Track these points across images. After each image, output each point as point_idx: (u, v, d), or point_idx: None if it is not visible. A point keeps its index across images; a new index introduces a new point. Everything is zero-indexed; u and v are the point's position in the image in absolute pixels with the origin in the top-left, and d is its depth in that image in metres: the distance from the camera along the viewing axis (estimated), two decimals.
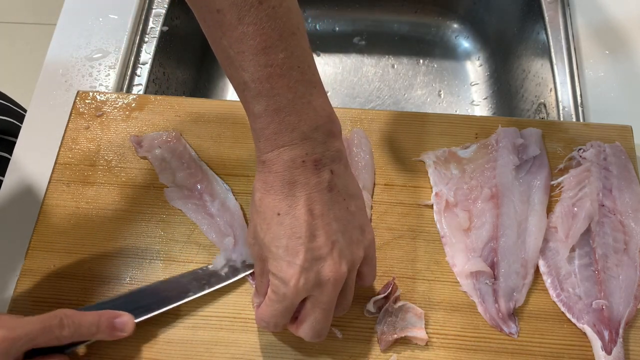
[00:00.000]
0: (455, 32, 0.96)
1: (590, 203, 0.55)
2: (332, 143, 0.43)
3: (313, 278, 0.42)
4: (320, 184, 0.42)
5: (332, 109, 0.44)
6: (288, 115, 0.41)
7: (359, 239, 0.45)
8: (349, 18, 0.97)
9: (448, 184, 0.58)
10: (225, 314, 0.52)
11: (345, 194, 0.44)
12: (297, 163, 0.42)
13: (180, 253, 0.55)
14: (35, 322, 0.45)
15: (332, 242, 0.42)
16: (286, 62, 0.40)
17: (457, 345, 0.51)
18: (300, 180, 0.42)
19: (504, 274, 0.53)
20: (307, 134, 0.42)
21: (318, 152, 0.42)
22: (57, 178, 0.59)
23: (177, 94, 0.82)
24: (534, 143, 0.59)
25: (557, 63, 0.72)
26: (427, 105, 0.91)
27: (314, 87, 0.42)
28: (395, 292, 0.51)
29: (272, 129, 0.41)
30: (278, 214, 0.42)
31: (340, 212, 0.43)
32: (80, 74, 0.70)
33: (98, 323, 0.47)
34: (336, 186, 0.43)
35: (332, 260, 0.42)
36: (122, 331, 0.48)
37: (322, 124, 0.42)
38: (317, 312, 0.44)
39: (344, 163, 0.45)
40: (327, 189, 0.43)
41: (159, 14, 0.77)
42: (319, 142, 0.42)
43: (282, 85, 0.40)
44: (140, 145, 0.60)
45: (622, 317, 0.51)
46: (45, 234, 0.56)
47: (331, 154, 0.43)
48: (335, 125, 0.44)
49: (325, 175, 0.43)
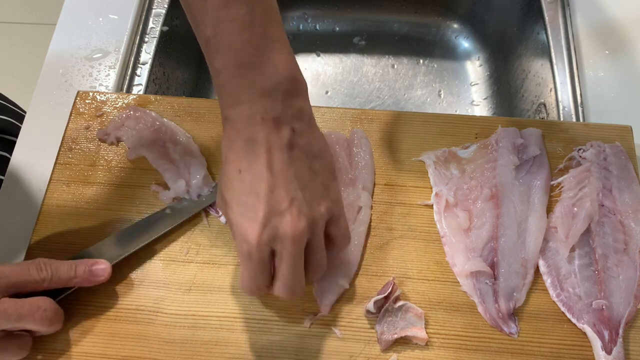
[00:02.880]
0: (455, 32, 0.96)
1: (590, 203, 0.55)
2: (293, 101, 0.43)
3: (272, 233, 0.43)
4: (280, 141, 0.42)
5: (296, 68, 0.43)
6: (248, 71, 0.41)
7: (321, 197, 0.45)
8: (349, 18, 0.97)
9: (448, 184, 0.58)
10: (225, 314, 0.52)
11: (308, 152, 0.44)
12: (257, 120, 0.42)
13: (180, 253, 0.55)
14: (13, 265, 0.47)
15: (291, 198, 0.43)
16: (247, 17, 0.40)
17: (457, 345, 0.51)
18: (259, 138, 0.42)
19: (504, 274, 0.53)
20: (267, 90, 0.42)
21: (278, 110, 0.42)
22: (57, 178, 0.59)
23: (177, 94, 0.82)
24: (534, 143, 0.59)
25: (557, 63, 0.72)
26: (427, 105, 0.91)
27: (275, 42, 0.42)
28: (395, 292, 0.51)
29: (232, 85, 0.42)
30: (239, 171, 0.43)
31: (301, 170, 0.44)
32: (80, 74, 0.70)
33: (75, 268, 0.49)
34: (297, 144, 0.43)
35: (291, 215, 0.42)
36: (100, 276, 0.50)
37: (282, 81, 0.42)
38: (284, 268, 0.44)
39: (308, 122, 0.45)
40: (287, 147, 0.43)
41: (159, 14, 0.77)
42: (279, 100, 0.42)
43: (243, 41, 0.40)
44: (107, 133, 0.61)
45: (622, 317, 0.51)
46: (45, 234, 0.56)
47: (292, 111, 0.43)
48: (299, 84, 0.44)
49: (285, 133, 0.43)
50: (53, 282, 0.48)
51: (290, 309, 0.52)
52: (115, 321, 0.52)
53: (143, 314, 0.52)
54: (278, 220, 0.43)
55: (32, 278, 0.47)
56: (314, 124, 0.46)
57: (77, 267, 0.49)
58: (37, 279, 0.47)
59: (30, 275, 0.47)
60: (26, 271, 0.47)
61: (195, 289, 0.53)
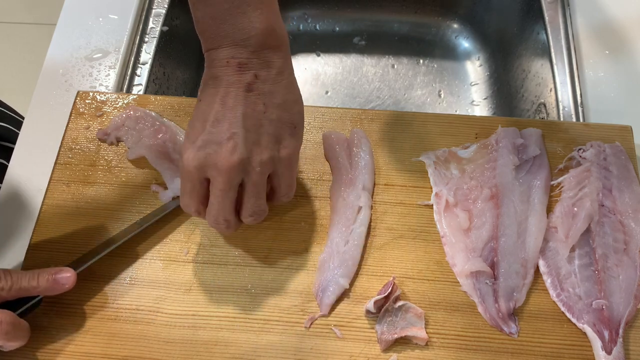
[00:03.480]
0: (455, 32, 0.96)
1: (590, 203, 0.55)
2: (264, 54, 0.46)
3: (204, 159, 0.45)
4: (239, 82, 0.45)
5: (274, 23, 0.46)
6: (222, 24, 0.45)
7: (266, 145, 0.46)
8: (349, 18, 0.97)
9: (448, 184, 0.58)
10: (225, 314, 0.52)
11: (267, 99, 0.46)
12: (222, 62, 0.45)
13: (180, 253, 0.55)
14: None
15: (232, 132, 0.45)
16: None
17: (457, 345, 0.51)
18: (221, 76, 0.46)
19: (504, 273, 0.53)
20: (237, 41, 0.45)
21: (243, 57, 0.45)
22: (57, 178, 0.59)
23: (177, 94, 0.82)
24: (534, 143, 0.59)
25: (557, 63, 0.72)
26: (427, 105, 0.91)
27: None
28: (395, 292, 0.51)
29: (208, 33, 0.46)
30: (199, 101, 0.47)
31: (253, 113, 0.46)
32: (80, 74, 0.70)
33: (38, 277, 0.48)
34: (257, 89, 0.46)
35: (226, 148, 0.44)
36: (64, 284, 0.49)
37: (254, 35, 0.45)
38: (212, 198, 0.47)
39: (277, 73, 0.46)
40: (245, 89, 0.45)
41: (159, 14, 0.77)
42: (249, 50, 0.45)
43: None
44: (107, 133, 0.61)
45: (622, 317, 0.51)
46: (45, 234, 0.56)
47: (260, 61, 0.45)
48: (274, 39, 0.46)
49: (246, 77, 0.45)
50: (13, 291, 0.47)
51: (290, 309, 0.52)
52: (115, 321, 0.52)
53: (143, 314, 0.52)
54: (213, 149, 0.45)
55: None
56: (288, 78, 0.48)
57: (40, 276, 0.48)
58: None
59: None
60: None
61: (195, 289, 0.53)
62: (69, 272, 0.49)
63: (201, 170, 0.45)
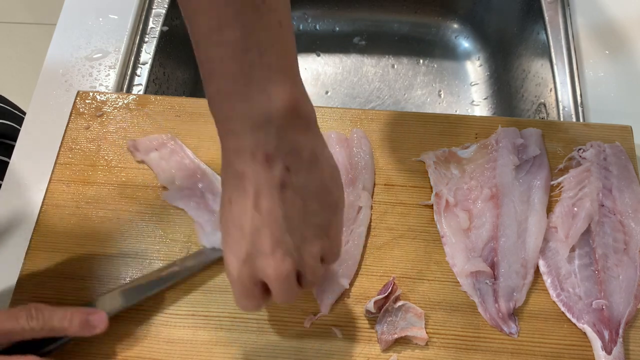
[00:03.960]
0: (455, 32, 0.96)
1: (590, 203, 0.55)
2: (290, 137, 0.39)
3: (254, 271, 0.41)
4: (271, 181, 0.39)
5: (299, 100, 0.39)
6: (239, 102, 0.38)
7: (314, 237, 0.42)
8: (349, 18, 0.97)
9: (448, 184, 0.58)
10: (225, 314, 0.52)
11: (305, 192, 0.41)
12: (247, 155, 0.39)
13: (180, 253, 0.55)
14: (2, 311, 0.44)
15: (276, 241, 0.40)
16: (241, 42, 0.36)
17: (457, 345, 0.51)
18: (248, 174, 0.39)
19: (504, 273, 0.53)
20: (258, 124, 0.38)
21: (270, 146, 0.38)
22: (57, 178, 0.59)
23: (177, 94, 0.82)
24: (534, 143, 0.59)
25: (557, 63, 0.72)
26: (427, 105, 0.91)
27: (275, 71, 0.38)
28: (395, 292, 0.51)
29: (223, 114, 0.39)
30: (229, 201, 0.41)
31: (293, 212, 0.40)
32: (80, 74, 0.70)
33: (70, 318, 0.46)
34: (291, 185, 0.40)
35: (274, 259, 0.40)
36: (96, 327, 0.47)
37: (277, 115, 0.38)
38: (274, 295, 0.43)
39: (309, 158, 0.40)
40: (279, 187, 0.39)
41: (159, 14, 0.77)
42: (273, 134, 0.38)
43: (235, 69, 0.37)
44: (137, 149, 0.60)
45: (622, 317, 0.51)
46: (45, 234, 0.56)
47: (288, 148, 0.39)
48: (300, 118, 0.39)
49: (277, 172, 0.39)
50: (44, 332, 0.45)
51: (290, 309, 0.52)
52: (115, 321, 0.52)
53: (143, 313, 0.52)
54: (261, 261, 0.40)
55: (21, 327, 0.44)
56: (318, 157, 0.41)
57: (72, 317, 0.46)
58: (26, 327, 0.44)
59: (19, 324, 0.44)
60: (14, 319, 0.44)
61: (195, 289, 0.53)
62: (101, 315, 0.47)
63: (253, 279, 0.41)
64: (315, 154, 0.41)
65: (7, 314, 0.45)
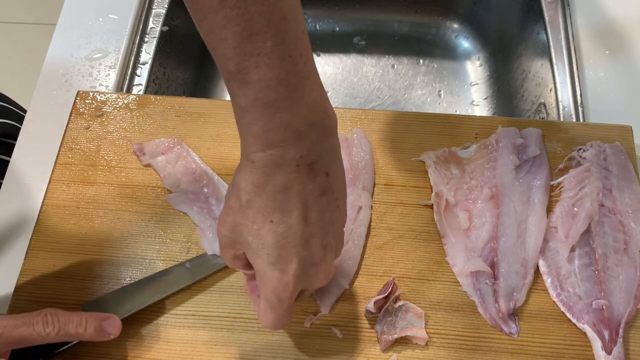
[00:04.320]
0: (455, 32, 0.96)
1: (590, 203, 0.55)
2: (328, 140, 0.40)
3: (306, 282, 0.42)
4: (316, 190, 0.39)
5: (327, 102, 0.40)
6: (279, 112, 0.36)
7: (342, 233, 0.45)
8: (349, 18, 0.97)
9: (448, 184, 0.58)
10: (225, 314, 0.52)
11: (339, 192, 0.42)
12: (292, 167, 0.38)
13: (180, 253, 0.55)
14: (17, 317, 0.44)
15: (324, 246, 0.41)
16: (276, 50, 0.35)
17: (457, 345, 0.51)
18: (295, 187, 0.38)
19: (504, 273, 0.53)
20: (302, 132, 0.37)
21: (314, 154, 0.39)
22: (57, 178, 0.59)
23: (177, 94, 0.82)
24: (534, 143, 0.59)
25: (557, 63, 0.72)
26: (427, 105, 0.91)
27: (307, 78, 0.38)
28: (395, 292, 0.51)
29: (261, 126, 0.37)
30: (271, 222, 0.39)
31: (333, 214, 0.42)
32: (80, 74, 0.70)
33: (85, 324, 0.46)
34: (330, 188, 0.41)
35: (325, 264, 0.42)
36: (110, 333, 0.48)
37: (317, 121, 0.38)
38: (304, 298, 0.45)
39: (339, 158, 0.42)
40: (322, 193, 0.40)
41: (159, 14, 0.77)
42: (314, 141, 0.38)
43: (272, 77, 0.36)
44: (143, 152, 0.60)
45: (622, 317, 0.51)
46: (45, 234, 0.56)
47: (328, 153, 0.40)
48: (332, 120, 0.40)
49: (320, 179, 0.40)
50: (58, 337, 0.45)
51: None
52: None
53: (143, 313, 0.52)
54: (313, 271, 0.41)
55: (37, 332, 0.44)
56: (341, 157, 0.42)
57: (88, 322, 0.46)
58: (42, 333, 0.44)
59: (35, 330, 0.44)
60: (31, 325, 0.44)
61: (195, 289, 0.53)
62: (115, 321, 0.48)
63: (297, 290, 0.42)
64: (340, 155, 0.42)
65: (23, 319, 0.44)
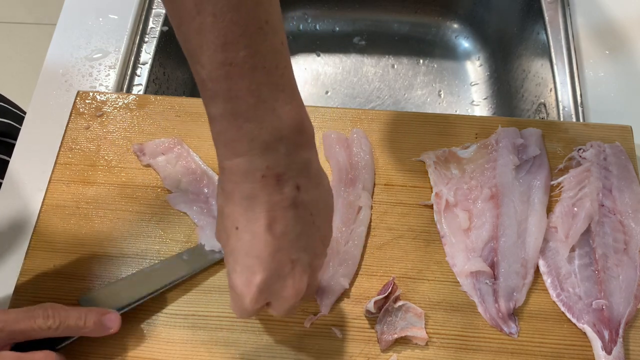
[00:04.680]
0: (455, 32, 0.96)
1: (590, 203, 0.55)
2: (299, 154, 0.39)
3: (270, 295, 0.41)
4: (283, 201, 0.39)
5: (303, 115, 0.39)
6: (247, 122, 0.36)
7: (320, 251, 0.43)
8: (349, 18, 0.97)
9: (448, 184, 0.58)
10: (225, 314, 0.52)
11: (313, 208, 0.41)
12: (257, 177, 0.38)
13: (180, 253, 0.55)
14: (18, 310, 0.45)
15: (292, 260, 0.40)
16: (248, 60, 0.35)
17: (457, 345, 0.51)
18: (260, 196, 0.38)
19: (504, 273, 0.53)
20: (269, 144, 0.37)
21: (281, 166, 0.38)
22: (57, 178, 0.59)
23: (177, 94, 0.82)
24: (534, 143, 0.59)
25: (557, 63, 0.72)
26: (427, 105, 0.91)
27: (281, 90, 0.37)
28: (395, 292, 0.51)
29: (229, 135, 0.37)
30: (236, 228, 0.39)
31: (304, 228, 0.40)
32: (80, 74, 0.70)
33: (85, 318, 0.47)
34: (302, 202, 0.39)
35: (293, 279, 0.41)
36: (110, 327, 0.48)
37: (287, 134, 0.37)
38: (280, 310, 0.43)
39: (315, 175, 0.41)
40: (292, 206, 0.39)
41: (159, 14, 0.77)
42: (283, 153, 0.38)
43: (242, 88, 0.36)
44: (143, 153, 0.60)
45: (622, 317, 0.51)
46: (45, 234, 0.56)
47: (297, 166, 0.39)
48: (305, 135, 0.39)
49: (289, 192, 0.39)
50: (60, 330, 0.46)
51: None
52: None
53: (143, 313, 0.52)
54: (279, 284, 0.40)
55: (38, 326, 0.45)
56: (321, 174, 0.42)
57: (87, 317, 0.47)
58: (43, 327, 0.45)
59: (36, 323, 0.44)
60: (32, 319, 0.45)
61: (195, 289, 0.53)
62: (115, 315, 0.48)
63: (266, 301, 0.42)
64: (319, 168, 0.41)
65: (24, 313, 0.45)
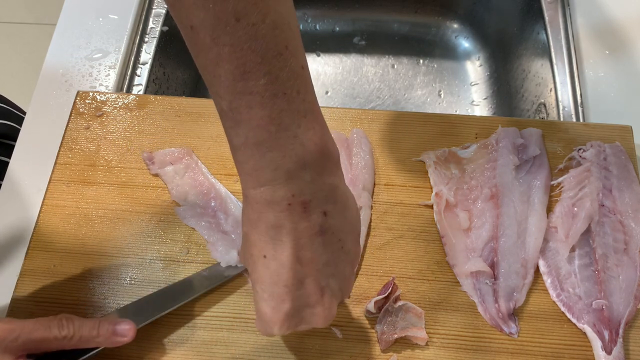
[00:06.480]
0: (455, 32, 0.96)
1: (590, 203, 0.55)
2: (324, 180, 0.38)
3: (300, 322, 0.41)
4: (310, 229, 0.38)
5: (326, 140, 0.38)
6: (269, 151, 0.36)
7: (349, 273, 0.43)
8: (349, 18, 0.97)
9: (448, 184, 0.58)
10: (225, 314, 0.52)
11: (341, 232, 0.40)
12: (282, 206, 0.37)
13: (180, 253, 0.55)
14: (33, 320, 0.45)
15: (321, 288, 0.40)
16: (269, 88, 0.34)
17: (457, 345, 0.51)
18: (286, 225, 0.37)
19: (504, 273, 0.53)
20: (293, 172, 0.36)
21: (307, 194, 0.37)
22: (57, 178, 0.59)
23: (177, 94, 0.82)
24: (534, 143, 0.59)
25: (557, 63, 0.72)
26: (427, 105, 0.91)
27: (303, 116, 0.36)
28: (395, 292, 0.51)
29: (252, 165, 0.36)
30: (264, 257, 0.39)
31: (333, 255, 0.40)
32: (80, 74, 0.70)
33: (99, 327, 0.46)
34: (330, 228, 0.39)
35: (322, 306, 0.40)
36: (124, 337, 0.47)
37: (310, 161, 0.37)
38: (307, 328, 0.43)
39: (341, 198, 0.40)
40: (319, 233, 0.38)
41: (159, 14, 0.77)
42: (307, 181, 0.37)
43: (263, 116, 0.35)
44: (152, 161, 0.59)
45: (622, 317, 0.51)
46: (45, 234, 0.56)
47: (324, 193, 0.38)
48: (329, 160, 0.38)
49: (316, 219, 0.38)
50: (74, 340, 0.45)
51: None
52: None
53: None
54: (308, 312, 0.40)
55: (53, 335, 0.44)
56: (347, 196, 0.41)
57: (101, 326, 0.46)
58: (58, 336, 0.45)
59: (51, 333, 0.44)
60: (47, 328, 0.44)
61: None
62: (129, 324, 0.48)
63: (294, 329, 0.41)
64: (345, 190, 0.40)
65: (38, 323, 0.45)
